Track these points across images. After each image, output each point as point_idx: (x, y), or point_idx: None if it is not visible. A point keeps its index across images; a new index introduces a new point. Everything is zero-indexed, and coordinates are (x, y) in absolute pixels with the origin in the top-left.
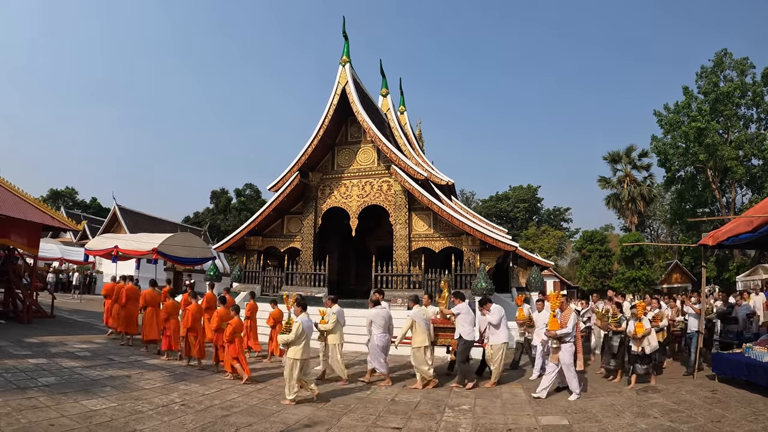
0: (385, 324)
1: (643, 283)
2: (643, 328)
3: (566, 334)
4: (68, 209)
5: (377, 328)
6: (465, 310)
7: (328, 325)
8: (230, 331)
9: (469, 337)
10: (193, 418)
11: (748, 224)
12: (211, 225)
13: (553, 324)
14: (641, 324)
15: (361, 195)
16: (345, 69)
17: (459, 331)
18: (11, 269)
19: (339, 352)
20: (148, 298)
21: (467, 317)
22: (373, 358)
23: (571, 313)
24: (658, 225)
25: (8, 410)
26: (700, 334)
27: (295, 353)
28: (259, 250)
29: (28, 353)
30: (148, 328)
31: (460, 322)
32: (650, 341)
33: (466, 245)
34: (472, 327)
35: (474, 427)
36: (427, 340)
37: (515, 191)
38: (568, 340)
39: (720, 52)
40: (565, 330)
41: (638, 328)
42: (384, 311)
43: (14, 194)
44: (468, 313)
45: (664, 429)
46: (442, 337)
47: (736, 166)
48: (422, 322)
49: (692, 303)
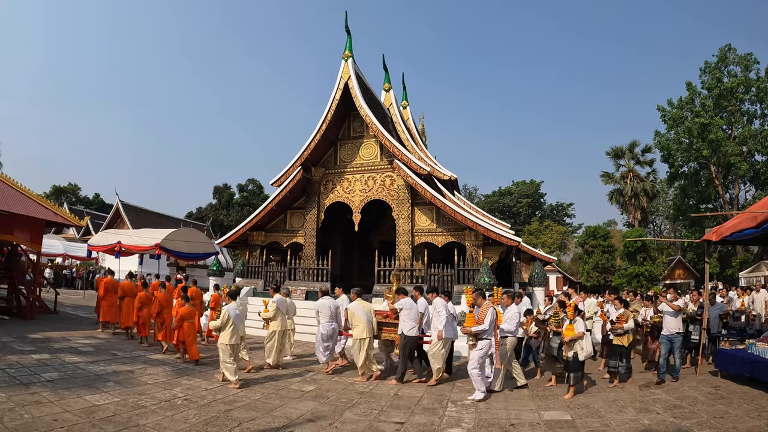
0: (331, 314)
1: (646, 279)
2: (573, 331)
3: (482, 330)
4: (71, 205)
5: (323, 318)
6: (407, 306)
7: (269, 314)
8: (179, 318)
9: (411, 332)
10: (196, 413)
11: (752, 220)
12: (214, 220)
13: (469, 320)
14: (571, 327)
15: (364, 190)
16: (347, 64)
17: (401, 326)
18: (14, 265)
19: (278, 339)
20: (126, 289)
21: (409, 312)
22: (317, 346)
23: (489, 309)
24: (661, 221)
25: (11, 405)
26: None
27: (223, 338)
28: (261, 245)
29: (32, 349)
30: (125, 317)
31: (402, 318)
32: (584, 346)
33: (469, 240)
34: (414, 323)
35: (477, 422)
36: (365, 332)
37: (518, 186)
38: (484, 337)
39: (724, 48)
40: (481, 327)
41: (567, 331)
42: (330, 302)
43: (17, 190)
44: (410, 308)
45: (667, 425)
46: (387, 332)
47: (740, 162)
48: (362, 314)
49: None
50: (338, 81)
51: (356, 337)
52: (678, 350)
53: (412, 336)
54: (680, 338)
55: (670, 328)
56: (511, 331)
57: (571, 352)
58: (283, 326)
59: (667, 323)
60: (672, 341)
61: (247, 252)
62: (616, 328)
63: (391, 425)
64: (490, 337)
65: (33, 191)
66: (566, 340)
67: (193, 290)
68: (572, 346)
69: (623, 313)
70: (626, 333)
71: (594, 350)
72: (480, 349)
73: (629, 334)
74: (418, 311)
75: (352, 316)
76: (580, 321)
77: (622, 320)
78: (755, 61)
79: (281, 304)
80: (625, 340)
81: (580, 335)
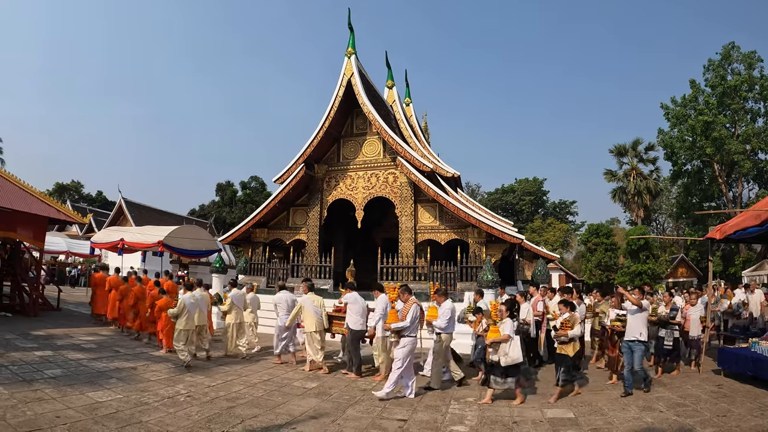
0: (288, 307)
1: (649, 277)
2: (498, 333)
3: (403, 327)
4: (74, 203)
5: (281, 311)
6: (352, 300)
7: (225, 307)
8: (157, 309)
9: (356, 326)
10: (199, 410)
11: (756, 218)
12: (217, 217)
13: (391, 317)
14: (496, 328)
15: (367, 187)
16: (350, 60)
17: (347, 320)
18: (17, 263)
19: (234, 330)
20: (112, 283)
21: (354, 307)
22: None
23: (412, 306)
24: (664, 219)
25: (14, 402)
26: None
27: (179, 324)
28: (264, 242)
29: (34, 346)
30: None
31: (348, 312)
32: (508, 352)
33: (472, 237)
34: (359, 317)
35: (480, 420)
36: (315, 325)
37: (521, 184)
38: (406, 335)
39: (728, 45)
40: (401, 324)
41: (490, 333)
42: (287, 295)
43: (20, 188)
44: (355, 302)
45: (670, 423)
46: (337, 325)
47: (743, 161)
48: (311, 308)
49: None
50: (341, 78)
51: (306, 330)
52: (639, 360)
53: (357, 330)
54: (641, 347)
55: (631, 332)
56: (443, 328)
57: (495, 355)
58: (239, 319)
59: (628, 326)
60: (632, 350)
61: (249, 249)
62: (560, 335)
63: (394, 422)
64: (414, 335)
65: (36, 189)
66: (488, 342)
67: (169, 284)
68: (496, 349)
69: (569, 317)
70: (571, 341)
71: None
72: (403, 347)
73: (575, 342)
74: (364, 306)
75: (302, 310)
76: (507, 323)
77: (566, 326)
78: (759, 59)
79: (237, 299)
80: (570, 348)
81: (504, 338)
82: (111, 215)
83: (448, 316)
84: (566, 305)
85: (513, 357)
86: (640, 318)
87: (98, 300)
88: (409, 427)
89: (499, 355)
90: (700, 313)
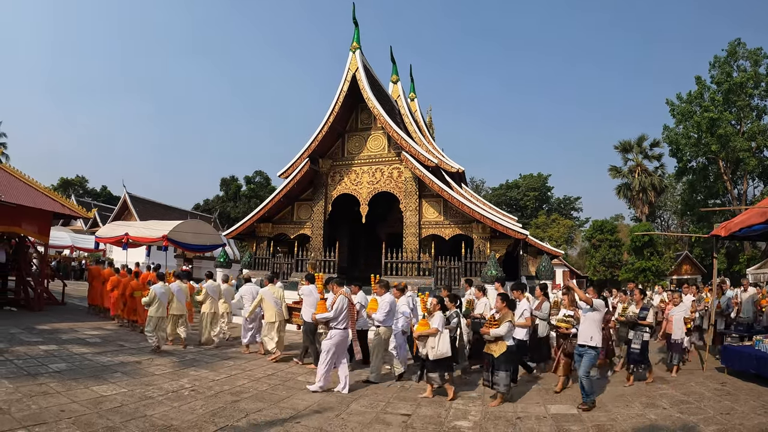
0: (253, 299)
1: (653, 274)
2: (427, 326)
3: (326, 318)
4: (78, 197)
5: (247, 303)
6: (307, 293)
7: (200, 297)
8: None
9: (309, 318)
10: (203, 404)
11: (761, 215)
12: (221, 212)
13: (320, 307)
14: (425, 321)
15: (372, 182)
16: (355, 55)
17: (302, 312)
18: (22, 257)
19: (208, 320)
20: (106, 275)
21: (309, 299)
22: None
23: (338, 297)
24: (669, 216)
25: (19, 396)
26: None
27: (151, 311)
28: (268, 237)
29: (39, 340)
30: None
31: (303, 304)
32: (436, 345)
33: (477, 233)
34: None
35: (483, 415)
36: (274, 316)
37: (525, 179)
38: (334, 326)
39: (734, 42)
40: (325, 315)
41: (419, 326)
42: (253, 288)
43: (25, 183)
44: (310, 295)
45: (674, 420)
46: (296, 316)
47: (749, 158)
48: (271, 299)
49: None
50: (346, 73)
51: (266, 321)
52: (586, 367)
53: (310, 321)
54: (591, 353)
55: (581, 336)
56: (381, 321)
57: (424, 349)
58: (213, 309)
59: (579, 329)
60: (581, 355)
61: (254, 243)
62: (483, 332)
63: (398, 417)
64: (342, 327)
65: (41, 183)
66: (416, 335)
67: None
68: (425, 343)
69: (502, 315)
70: (498, 340)
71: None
72: (329, 339)
73: (503, 341)
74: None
75: (262, 302)
76: (437, 316)
77: (491, 324)
78: (765, 55)
79: (211, 290)
80: (496, 348)
81: (433, 331)
82: (115, 210)
83: (387, 309)
84: (503, 300)
85: (441, 351)
86: (591, 319)
87: (94, 291)
88: (413, 422)
89: (427, 349)
90: (684, 314)
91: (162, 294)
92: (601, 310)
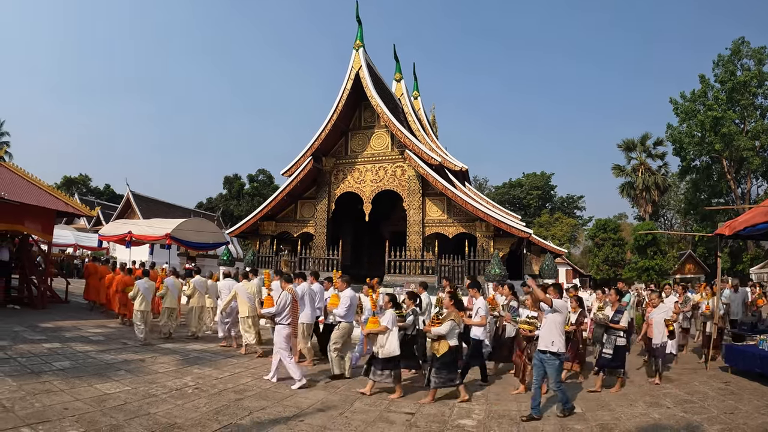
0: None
1: (656, 273)
2: (377, 323)
3: (269, 313)
4: (82, 196)
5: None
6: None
7: (188, 292)
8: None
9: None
10: (207, 402)
11: (766, 214)
12: (224, 210)
13: (267, 302)
14: (374, 318)
15: (375, 180)
16: (359, 53)
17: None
18: (25, 255)
19: (196, 314)
20: (103, 272)
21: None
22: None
23: (283, 293)
24: (672, 215)
25: (23, 394)
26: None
27: (137, 305)
28: (272, 235)
29: (43, 338)
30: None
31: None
32: (384, 344)
33: (480, 231)
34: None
35: (487, 414)
36: (248, 311)
37: (529, 178)
38: (279, 321)
39: (737, 41)
40: (268, 309)
41: (369, 324)
42: (231, 283)
43: (29, 181)
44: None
45: (677, 419)
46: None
47: (753, 157)
48: (244, 295)
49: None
50: (349, 71)
51: (240, 315)
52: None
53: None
54: (555, 361)
55: (542, 340)
56: (342, 317)
57: (375, 347)
58: (201, 303)
59: (540, 332)
60: (543, 362)
61: (257, 242)
62: (425, 330)
63: (402, 416)
64: (286, 323)
65: (44, 182)
66: (365, 333)
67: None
68: (374, 341)
69: (447, 313)
70: (440, 339)
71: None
72: (278, 333)
73: (445, 340)
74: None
75: (236, 297)
76: (387, 314)
77: (435, 322)
78: None
79: (199, 285)
80: (438, 347)
81: (382, 329)
82: (119, 208)
83: (347, 304)
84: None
85: (389, 349)
86: (552, 322)
87: (90, 287)
88: (416, 420)
89: (377, 347)
90: (665, 316)
91: (146, 289)
92: (563, 312)
